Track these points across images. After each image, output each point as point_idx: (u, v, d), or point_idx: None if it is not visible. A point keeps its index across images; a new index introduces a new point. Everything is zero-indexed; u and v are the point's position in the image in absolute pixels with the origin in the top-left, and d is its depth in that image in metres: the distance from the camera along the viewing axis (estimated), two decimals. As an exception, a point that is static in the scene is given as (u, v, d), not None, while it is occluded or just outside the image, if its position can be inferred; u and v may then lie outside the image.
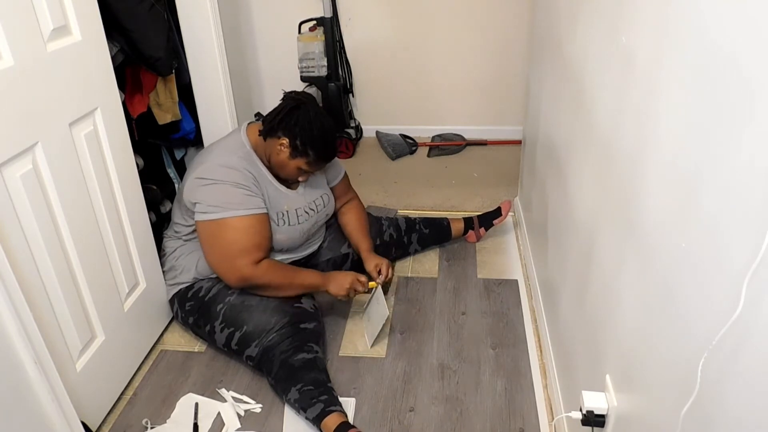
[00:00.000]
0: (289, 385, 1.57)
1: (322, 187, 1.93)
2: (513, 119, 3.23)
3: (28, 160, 1.29)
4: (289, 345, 1.62)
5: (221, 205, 1.65)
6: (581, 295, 1.31)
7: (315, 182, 1.90)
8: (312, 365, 1.60)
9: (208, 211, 1.66)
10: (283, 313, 1.67)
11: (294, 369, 1.59)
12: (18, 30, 1.23)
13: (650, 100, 0.88)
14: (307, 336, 1.66)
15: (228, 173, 1.67)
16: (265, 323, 1.65)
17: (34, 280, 1.31)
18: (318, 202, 1.89)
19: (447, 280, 2.16)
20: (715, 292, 0.65)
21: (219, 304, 1.71)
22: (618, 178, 1.04)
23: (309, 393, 1.54)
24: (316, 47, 3.02)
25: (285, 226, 1.78)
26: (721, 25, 0.65)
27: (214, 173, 1.68)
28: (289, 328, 1.65)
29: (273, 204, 1.76)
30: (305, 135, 1.68)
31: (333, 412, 1.50)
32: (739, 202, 0.60)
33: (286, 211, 1.79)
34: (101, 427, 1.58)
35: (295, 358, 1.60)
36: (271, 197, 1.76)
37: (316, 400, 1.52)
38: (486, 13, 3.07)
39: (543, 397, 1.64)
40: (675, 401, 0.73)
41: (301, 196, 1.84)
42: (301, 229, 1.83)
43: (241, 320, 1.68)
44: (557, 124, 1.65)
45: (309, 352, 1.63)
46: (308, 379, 1.57)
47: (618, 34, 1.05)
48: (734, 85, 0.61)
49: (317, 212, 1.89)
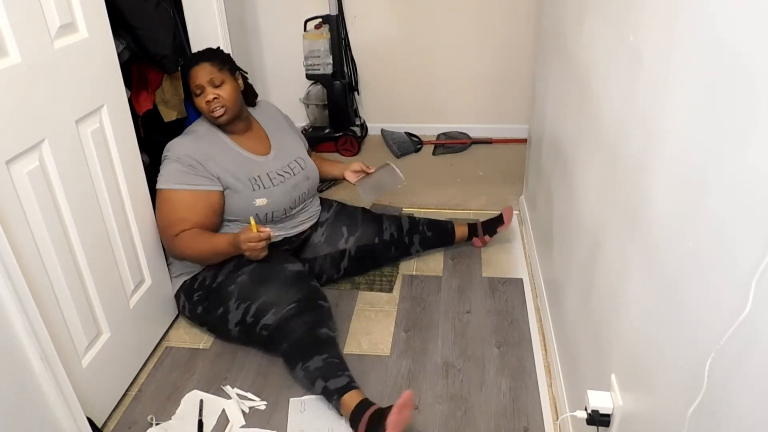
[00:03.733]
0: (312, 353, 1.60)
1: (296, 152, 1.97)
2: (518, 118, 3.23)
3: (35, 157, 1.29)
4: (312, 317, 1.66)
5: (161, 177, 1.75)
6: (587, 294, 1.30)
7: (288, 146, 1.95)
8: (335, 343, 1.66)
9: (158, 182, 1.76)
10: (302, 286, 1.72)
11: (321, 340, 1.62)
12: (25, 27, 1.23)
13: (657, 99, 0.87)
14: (326, 314, 1.71)
15: (175, 148, 1.77)
16: (284, 294, 1.69)
17: (41, 277, 1.32)
18: (293, 165, 1.92)
19: (452, 278, 2.16)
20: (722, 293, 0.65)
21: (230, 286, 1.74)
22: (624, 176, 1.04)
23: (336, 365, 1.58)
24: (321, 45, 3.02)
25: (261, 190, 1.81)
26: (730, 24, 0.64)
27: (169, 148, 1.78)
28: (311, 302, 1.70)
29: (243, 171, 1.80)
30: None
31: (356, 388, 1.54)
32: (747, 201, 0.60)
33: (257, 176, 1.82)
34: (106, 423, 1.59)
35: (320, 330, 1.64)
36: (240, 165, 1.80)
37: (342, 374, 1.56)
38: (492, 11, 3.06)
39: (548, 396, 1.64)
40: (681, 401, 0.73)
41: (273, 161, 1.88)
42: (280, 190, 1.84)
43: (259, 293, 1.70)
44: (563, 123, 1.64)
45: (332, 330, 1.69)
46: (334, 353, 1.62)
47: (625, 33, 1.05)
48: (742, 85, 0.61)
49: (294, 174, 1.90)
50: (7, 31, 1.19)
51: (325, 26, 3.03)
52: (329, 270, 2.05)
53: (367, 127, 3.45)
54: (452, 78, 3.28)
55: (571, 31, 1.55)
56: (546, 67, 1.97)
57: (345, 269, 2.07)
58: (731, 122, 0.63)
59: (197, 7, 2.11)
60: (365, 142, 3.39)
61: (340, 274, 2.08)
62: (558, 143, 1.72)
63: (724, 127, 0.65)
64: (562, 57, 1.67)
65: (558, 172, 1.72)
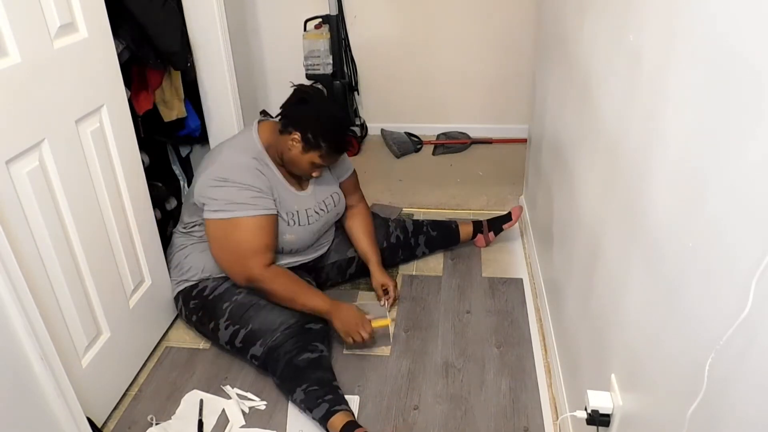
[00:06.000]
0: (294, 386, 1.57)
1: (332, 186, 1.94)
2: (518, 118, 3.22)
3: (35, 157, 1.29)
4: (294, 345, 1.61)
5: (232, 205, 1.65)
6: (587, 294, 1.30)
7: (325, 182, 1.91)
8: (317, 364, 1.60)
9: (219, 209, 1.66)
10: (290, 313, 1.67)
11: (299, 369, 1.58)
12: (25, 27, 1.23)
13: (657, 99, 0.87)
14: (313, 336, 1.66)
15: (240, 174, 1.68)
16: (271, 323, 1.65)
17: (41, 277, 1.32)
18: (328, 202, 1.89)
19: (452, 278, 2.16)
20: (722, 292, 0.65)
21: (225, 302, 1.72)
22: (624, 176, 1.04)
23: (314, 393, 1.54)
24: (321, 45, 3.02)
25: (296, 227, 1.79)
26: (731, 23, 0.64)
27: (225, 173, 1.68)
28: (295, 328, 1.64)
29: (283, 205, 1.76)
30: (316, 127, 1.68)
31: (338, 411, 1.50)
32: (747, 201, 0.59)
33: (296, 211, 1.79)
34: (106, 423, 1.59)
35: (299, 358, 1.59)
36: (282, 198, 1.76)
37: (321, 400, 1.52)
38: (492, 11, 3.06)
39: (548, 396, 1.64)
40: (681, 401, 0.73)
41: (311, 197, 1.85)
42: (311, 229, 1.83)
43: (247, 318, 1.68)
44: (563, 123, 1.64)
45: (314, 352, 1.62)
46: (313, 379, 1.56)
47: (625, 32, 1.05)
48: (743, 85, 0.61)
49: (327, 212, 1.89)
50: (7, 31, 1.19)
51: (325, 26, 3.03)
52: (335, 276, 2.05)
53: (367, 127, 3.45)
54: (452, 78, 3.28)
55: (571, 31, 1.55)
56: (546, 67, 1.97)
57: (351, 275, 2.07)
58: (731, 122, 0.63)
59: (197, 7, 2.11)
60: (365, 142, 3.39)
61: (345, 278, 2.08)
62: (558, 143, 1.72)
63: (724, 127, 0.65)
64: (562, 57, 1.67)
65: (558, 172, 1.72)
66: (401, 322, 1.95)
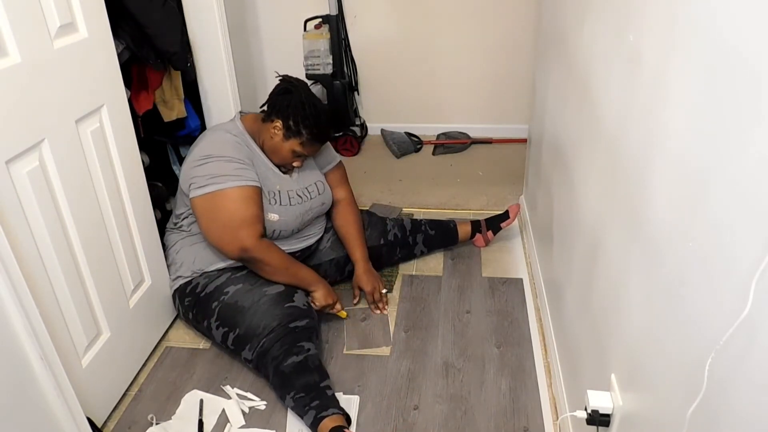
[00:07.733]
0: (283, 393, 1.58)
1: (316, 175, 1.95)
2: (518, 117, 3.23)
3: (35, 157, 1.29)
4: (279, 349, 1.60)
5: (217, 178, 1.68)
6: (587, 294, 1.30)
7: (309, 170, 1.93)
8: (302, 368, 1.58)
9: (204, 185, 1.68)
10: (273, 316, 1.65)
11: (285, 376, 1.57)
12: (25, 27, 1.23)
13: (657, 98, 0.87)
14: (299, 335, 1.64)
15: (222, 147, 1.72)
16: (256, 327, 1.64)
17: (41, 277, 1.32)
18: (311, 189, 1.91)
19: (451, 278, 2.16)
20: (722, 292, 0.65)
21: (214, 302, 1.72)
22: (624, 176, 1.04)
23: (301, 401, 1.53)
24: (321, 45, 3.02)
25: (277, 206, 1.80)
26: (731, 22, 0.64)
27: (207, 150, 1.72)
28: (280, 330, 1.63)
29: (265, 183, 1.78)
30: (297, 114, 1.73)
31: (325, 417, 1.48)
32: (747, 201, 0.59)
33: (278, 190, 1.81)
34: (106, 423, 1.59)
35: (285, 364, 1.58)
36: (264, 176, 1.79)
37: (308, 407, 1.51)
38: (492, 11, 3.06)
39: (548, 396, 1.64)
40: (681, 401, 0.73)
41: (294, 181, 1.87)
42: (294, 211, 1.83)
43: (234, 322, 1.68)
44: (563, 123, 1.64)
45: (299, 354, 1.60)
46: (299, 385, 1.55)
47: (625, 32, 1.05)
48: (743, 83, 0.61)
49: (311, 198, 1.89)
50: (7, 31, 1.19)
51: (325, 26, 3.03)
52: (333, 274, 2.05)
53: (367, 127, 3.45)
54: (452, 78, 3.28)
55: (571, 30, 1.55)
56: (546, 67, 1.97)
57: (349, 272, 2.06)
58: (731, 122, 0.63)
59: (197, 7, 2.11)
60: (365, 142, 3.39)
61: (344, 276, 2.08)
62: (558, 143, 1.72)
63: (724, 126, 0.65)
64: (562, 57, 1.67)
65: (558, 171, 1.72)
66: (401, 322, 1.95)
